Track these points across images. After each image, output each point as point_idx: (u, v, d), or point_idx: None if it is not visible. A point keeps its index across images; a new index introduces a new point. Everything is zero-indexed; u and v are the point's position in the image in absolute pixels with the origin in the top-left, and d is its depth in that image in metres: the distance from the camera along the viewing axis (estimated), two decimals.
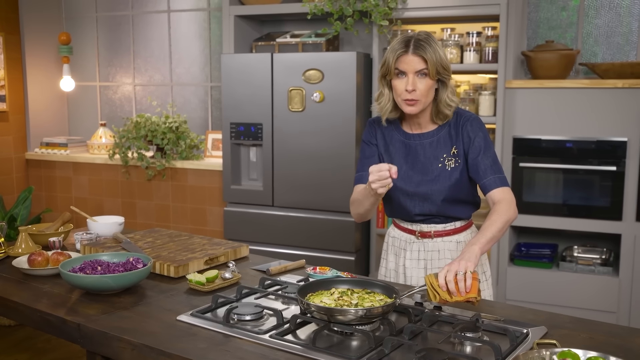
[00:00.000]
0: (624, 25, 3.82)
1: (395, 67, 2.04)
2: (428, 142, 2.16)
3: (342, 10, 3.80)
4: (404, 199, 2.18)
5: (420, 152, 2.16)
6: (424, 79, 2.03)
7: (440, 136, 2.15)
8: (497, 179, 2.07)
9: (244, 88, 3.96)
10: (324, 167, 3.80)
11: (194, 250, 2.35)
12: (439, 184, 2.13)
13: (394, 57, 2.03)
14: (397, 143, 2.20)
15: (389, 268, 2.31)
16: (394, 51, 2.04)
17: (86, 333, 1.74)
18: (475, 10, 3.60)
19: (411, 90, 2.02)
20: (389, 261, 2.31)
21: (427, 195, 2.14)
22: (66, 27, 5.32)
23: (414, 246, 2.22)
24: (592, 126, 3.48)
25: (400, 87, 2.04)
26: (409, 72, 2.02)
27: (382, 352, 1.52)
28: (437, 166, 2.14)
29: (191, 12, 4.94)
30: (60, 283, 2.09)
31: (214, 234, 4.43)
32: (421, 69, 2.02)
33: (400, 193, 2.18)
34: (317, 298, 1.75)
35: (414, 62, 2.01)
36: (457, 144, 2.14)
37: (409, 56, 2.02)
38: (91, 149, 4.92)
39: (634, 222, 3.43)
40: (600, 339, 1.64)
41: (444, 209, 2.16)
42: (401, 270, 2.26)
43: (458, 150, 2.13)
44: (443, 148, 2.14)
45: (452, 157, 2.13)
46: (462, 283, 1.72)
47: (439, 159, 2.14)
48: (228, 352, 1.55)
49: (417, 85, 2.02)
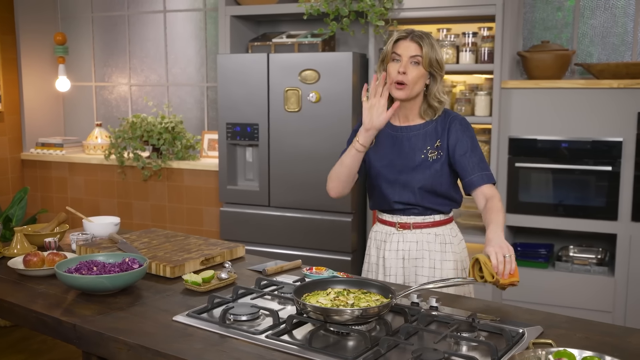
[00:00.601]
0: (619, 25, 3.83)
1: (393, 51, 2.17)
2: (414, 134, 2.25)
3: (338, 10, 3.80)
4: (386, 186, 2.26)
5: (406, 143, 2.25)
6: (416, 67, 2.15)
7: (427, 130, 2.25)
8: (484, 176, 2.15)
9: (240, 88, 3.95)
10: (320, 167, 3.80)
11: (190, 250, 2.35)
12: (419, 173, 2.22)
13: (393, 41, 2.18)
14: (384, 135, 2.28)
15: (370, 262, 2.37)
16: (393, 38, 2.19)
17: (82, 334, 1.74)
18: (471, 10, 3.61)
19: (402, 73, 2.14)
20: (371, 255, 2.37)
21: (406, 183, 2.23)
22: (62, 27, 5.31)
23: (394, 237, 2.29)
24: (587, 126, 3.49)
25: (393, 70, 2.16)
26: (404, 56, 2.15)
27: (378, 352, 1.52)
28: (419, 157, 2.23)
29: (187, 13, 4.93)
30: (56, 284, 2.09)
31: (210, 235, 4.43)
32: (415, 55, 2.14)
33: (383, 180, 2.27)
34: (313, 298, 1.75)
35: (410, 47, 2.15)
36: (442, 138, 2.23)
37: (406, 41, 2.16)
38: (87, 149, 4.91)
39: (629, 222, 3.44)
40: (596, 339, 1.64)
41: (422, 199, 2.23)
42: (381, 263, 2.31)
43: (442, 144, 2.22)
44: (428, 141, 2.24)
45: (435, 149, 2.23)
46: (509, 265, 1.78)
47: (422, 150, 2.23)
48: (224, 352, 1.55)
49: (408, 69, 2.14)
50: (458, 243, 2.31)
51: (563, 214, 3.58)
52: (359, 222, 3.91)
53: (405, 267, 2.28)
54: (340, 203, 3.78)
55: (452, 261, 2.26)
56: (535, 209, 3.62)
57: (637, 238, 3.43)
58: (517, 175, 3.64)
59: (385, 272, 2.30)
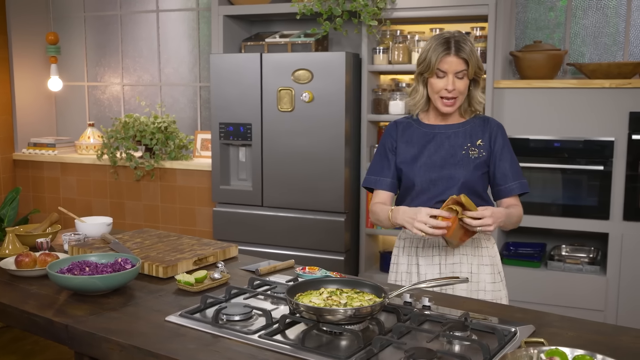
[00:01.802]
0: (611, 25, 3.84)
1: (437, 68, 2.12)
2: (453, 132, 2.23)
3: (331, 10, 3.80)
4: (426, 185, 2.19)
5: (445, 140, 2.22)
6: (462, 80, 2.13)
7: (466, 129, 2.23)
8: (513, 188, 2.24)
9: (233, 88, 3.95)
10: (314, 167, 3.80)
11: (182, 250, 2.34)
12: (462, 168, 2.18)
13: (436, 57, 2.11)
14: (417, 134, 2.25)
15: (399, 271, 2.29)
16: (436, 52, 2.12)
17: (74, 334, 1.73)
18: (463, 10, 3.62)
19: (451, 90, 2.12)
20: (400, 264, 2.29)
21: (450, 177, 2.18)
22: (54, 27, 5.29)
23: (427, 242, 2.22)
24: (579, 126, 3.50)
25: (439, 85, 2.14)
26: (450, 72, 2.11)
27: (371, 352, 1.52)
28: (460, 153, 2.20)
29: (180, 12, 4.92)
30: (48, 284, 2.08)
31: (203, 234, 4.42)
32: (461, 70, 2.11)
33: (423, 180, 2.20)
34: (306, 298, 1.75)
35: (456, 63, 2.11)
36: (484, 139, 2.22)
37: (451, 57, 2.11)
38: (79, 149, 4.89)
39: (621, 221, 3.46)
40: (588, 337, 1.65)
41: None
42: (414, 270, 2.25)
43: (484, 144, 2.21)
44: (468, 139, 2.22)
45: (477, 148, 2.21)
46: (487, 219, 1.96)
47: (463, 147, 2.21)
48: (217, 352, 1.55)
49: (456, 85, 2.12)
50: (492, 247, 2.26)
51: (555, 213, 3.59)
52: (352, 222, 3.91)
53: (442, 273, 2.20)
54: (333, 203, 3.78)
55: (489, 265, 2.22)
56: (528, 208, 3.61)
57: (628, 237, 3.45)
58: None
59: (420, 279, 2.21)
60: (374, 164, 2.31)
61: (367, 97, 3.88)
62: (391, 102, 3.88)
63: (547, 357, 1.41)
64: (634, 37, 3.79)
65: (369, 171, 2.32)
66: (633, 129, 3.39)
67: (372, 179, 2.30)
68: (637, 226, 3.43)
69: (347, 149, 3.76)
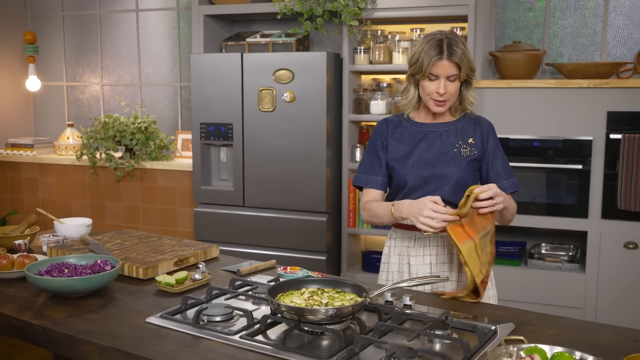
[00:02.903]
0: (589, 26, 3.89)
1: (429, 72, 2.11)
2: (445, 130, 2.23)
3: (312, 10, 3.80)
4: (419, 184, 2.19)
5: (437, 138, 2.22)
6: (454, 83, 2.13)
7: (457, 127, 2.24)
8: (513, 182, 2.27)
9: (214, 88, 3.93)
10: (295, 167, 3.80)
11: (163, 251, 2.33)
12: (454, 166, 2.18)
13: (428, 62, 2.10)
14: (408, 132, 2.25)
15: (391, 271, 2.28)
16: (428, 56, 2.10)
17: (53, 337, 1.71)
18: (443, 10, 3.63)
19: (443, 93, 2.12)
20: (392, 264, 2.28)
21: (443, 175, 2.18)
22: (32, 26, 5.23)
23: (419, 242, 2.22)
24: (558, 125, 3.54)
25: (431, 88, 2.13)
26: (442, 76, 2.11)
27: (353, 351, 1.52)
28: (452, 151, 2.20)
29: (160, 12, 4.89)
30: (26, 286, 2.06)
31: (185, 235, 4.40)
32: (453, 74, 2.11)
33: (415, 179, 2.19)
34: (287, 298, 1.75)
35: (448, 67, 2.10)
36: (476, 137, 2.23)
37: (443, 61, 2.10)
38: (58, 149, 4.84)
39: (599, 220, 3.50)
40: (567, 335, 1.67)
41: (454, 195, 2.16)
42: (405, 269, 2.24)
43: (475, 142, 2.22)
44: (459, 137, 2.22)
45: (468, 146, 2.22)
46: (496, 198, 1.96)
47: (454, 145, 2.21)
48: (198, 353, 1.54)
49: (447, 88, 2.12)
50: None
51: (535, 212, 3.62)
52: (334, 222, 3.91)
53: (433, 272, 2.20)
54: (315, 203, 3.78)
55: None
56: None
57: (607, 235, 3.49)
58: None
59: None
60: (365, 162, 2.30)
61: (349, 97, 3.88)
62: (372, 102, 3.89)
63: (526, 354, 1.42)
64: (612, 37, 3.84)
65: (360, 169, 2.30)
66: (611, 128, 3.43)
67: (363, 177, 2.28)
68: (615, 224, 3.47)
69: (328, 149, 3.76)
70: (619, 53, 3.83)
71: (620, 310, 3.49)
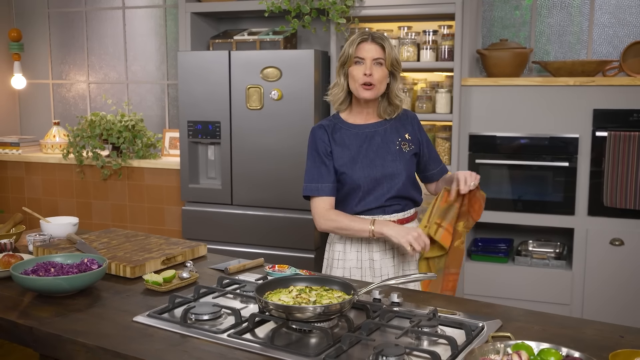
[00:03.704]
0: (575, 24, 3.91)
1: (355, 56, 2.19)
2: (382, 129, 2.29)
3: (300, 7, 3.79)
4: (372, 185, 2.24)
5: (377, 138, 2.28)
6: (380, 68, 2.19)
7: (389, 125, 2.31)
8: (444, 167, 2.46)
9: (201, 86, 3.92)
10: (283, 165, 3.79)
11: (150, 250, 2.32)
12: (400, 163, 2.26)
13: (354, 45, 2.19)
14: (348, 135, 2.28)
15: (348, 267, 2.30)
16: (353, 41, 2.21)
17: (39, 336, 1.70)
18: (431, 9, 3.64)
19: (369, 75, 2.17)
20: (348, 260, 2.30)
21: (394, 175, 2.25)
22: (17, 23, 5.19)
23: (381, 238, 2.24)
24: (545, 123, 3.56)
25: (358, 72, 2.18)
26: (367, 58, 2.18)
27: (341, 349, 1.53)
28: (395, 148, 2.27)
29: (146, 9, 4.87)
30: (12, 286, 2.04)
31: (172, 234, 4.38)
32: (378, 58, 2.18)
33: (368, 181, 2.24)
34: (275, 296, 1.75)
35: (373, 50, 2.18)
36: (409, 132, 2.32)
37: (368, 44, 2.19)
38: (44, 148, 4.80)
39: (585, 217, 3.52)
40: (553, 331, 1.68)
41: (407, 190, 2.28)
42: (367, 265, 2.27)
43: (411, 137, 2.32)
44: (396, 134, 2.30)
45: (406, 141, 2.30)
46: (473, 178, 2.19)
47: (394, 142, 2.28)
48: (185, 352, 1.54)
49: (374, 71, 2.18)
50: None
51: (522, 209, 3.64)
52: None
53: (395, 265, 2.29)
54: (303, 201, 3.77)
55: None
56: (495, 204, 3.67)
57: (593, 232, 3.51)
58: (478, 172, 3.64)
59: (375, 274, 2.27)
60: (311, 171, 2.28)
61: None
62: None
63: (513, 351, 1.43)
64: (597, 35, 3.86)
65: (308, 179, 2.29)
66: (597, 126, 3.46)
67: (314, 186, 2.27)
68: (601, 221, 3.50)
69: None
70: (605, 51, 3.86)
71: (606, 307, 3.52)
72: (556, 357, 1.41)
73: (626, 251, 3.46)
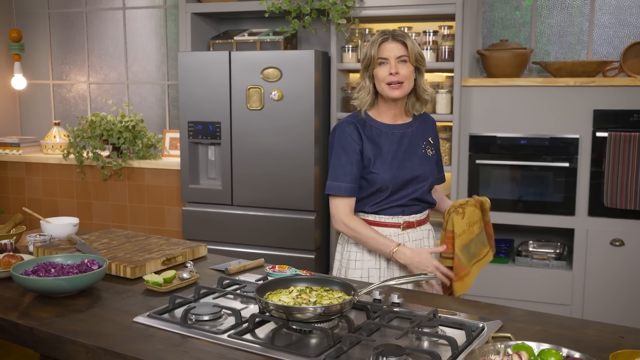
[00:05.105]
0: (576, 24, 3.91)
1: (379, 57, 2.17)
2: (409, 131, 2.28)
3: (300, 8, 3.79)
4: (400, 187, 2.22)
5: (405, 140, 2.27)
6: (405, 65, 2.17)
7: (416, 127, 2.31)
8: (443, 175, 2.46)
9: (202, 86, 3.92)
10: (283, 165, 3.79)
11: (151, 250, 2.32)
12: (427, 167, 2.28)
13: (375, 46, 2.17)
14: (382, 135, 2.25)
15: (366, 268, 2.26)
16: (374, 42, 2.18)
17: (39, 337, 1.70)
18: (431, 9, 3.64)
19: (395, 73, 2.15)
20: (366, 260, 2.26)
21: (422, 177, 2.26)
22: (17, 23, 5.19)
23: (397, 239, 2.23)
24: (545, 123, 3.56)
25: (384, 73, 2.16)
26: (391, 57, 2.16)
27: (341, 349, 1.52)
28: (421, 152, 2.28)
29: (147, 10, 4.87)
30: (12, 286, 2.04)
31: (173, 234, 4.38)
32: (402, 55, 2.16)
33: (397, 183, 2.21)
34: (275, 297, 1.74)
35: (395, 48, 2.16)
36: (432, 136, 2.34)
37: (389, 43, 2.17)
38: (45, 148, 4.80)
39: (586, 217, 3.52)
40: (553, 332, 1.68)
41: (428, 193, 2.31)
42: (384, 266, 2.24)
43: (433, 141, 2.34)
44: (421, 137, 2.30)
45: (430, 145, 2.31)
46: None
47: (420, 145, 2.29)
48: (186, 352, 1.54)
49: (399, 69, 2.15)
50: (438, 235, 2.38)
51: (522, 209, 3.64)
52: (323, 220, 3.91)
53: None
54: (303, 201, 3.78)
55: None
56: (496, 204, 3.65)
57: (593, 232, 3.51)
58: (478, 172, 3.69)
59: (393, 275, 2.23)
60: (335, 169, 2.22)
61: (337, 95, 3.88)
62: None
63: (513, 351, 1.43)
64: (598, 36, 3.86)
65: (334, 177, 2.21)
66: (597, 126, 3.46)
67: (336, 185, 2.20)
68: (601, 222, 3.50)
69: (316, 147, 3.76)
70: (605, 52, 3.86)
71: (606, 307, 3.52)
72: (556, 357, 1.41)
73: (626, 252, 3.46)
